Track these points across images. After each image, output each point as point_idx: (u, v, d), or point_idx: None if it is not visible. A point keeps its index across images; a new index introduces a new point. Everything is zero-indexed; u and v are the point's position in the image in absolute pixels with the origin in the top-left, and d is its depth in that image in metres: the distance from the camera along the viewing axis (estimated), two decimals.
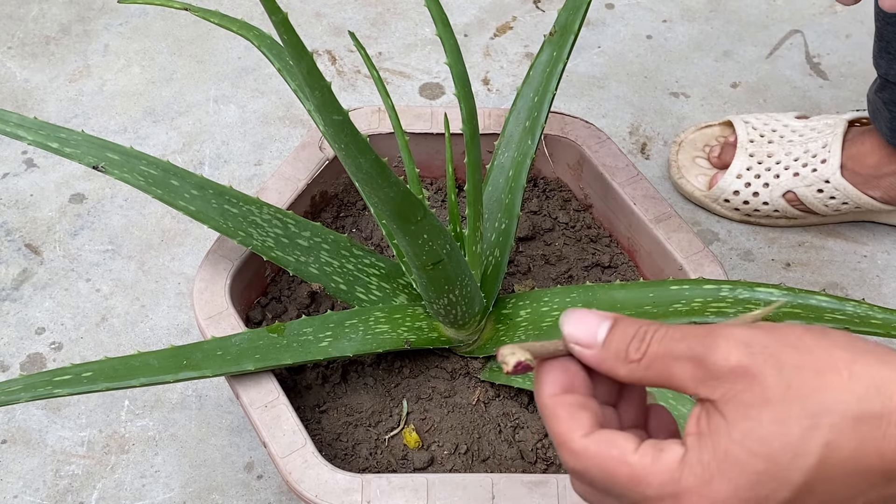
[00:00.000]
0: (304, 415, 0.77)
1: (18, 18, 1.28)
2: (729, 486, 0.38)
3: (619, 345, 0.41)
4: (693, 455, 0.39)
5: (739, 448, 0.38)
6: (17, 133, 0.75)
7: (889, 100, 0.97)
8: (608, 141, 0.88)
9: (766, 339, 0.39)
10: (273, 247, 0.77)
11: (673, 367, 0.40)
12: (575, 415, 0.42)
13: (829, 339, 0.39)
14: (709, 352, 0.39)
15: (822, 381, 0.37)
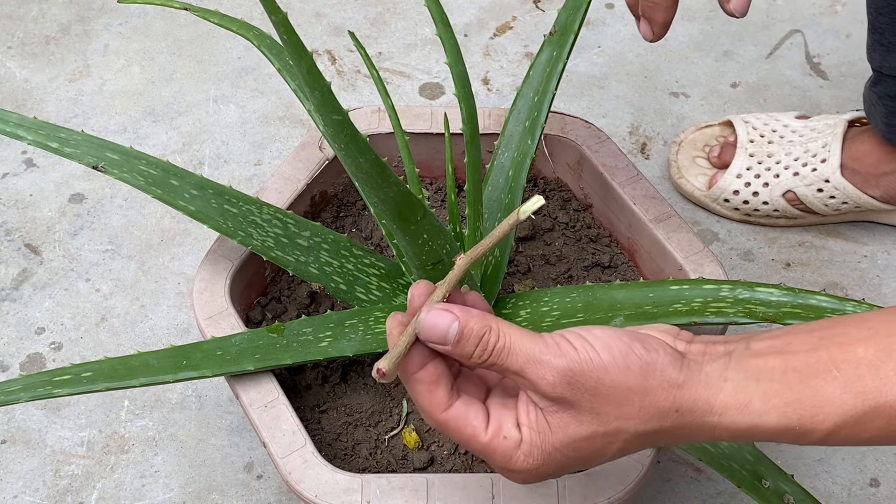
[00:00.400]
0: (303, 415, 0.77)
1: (18, 18, 1.28)
2: (547, 472, 0.53)
3: (465, 349, 0.52)
4: (526, 447, 0.52)
5: (560, 454, 0.52)
6: (17, 133, 0.75)
7: (884, 94, 0.96)
8: (608, 141, 0.88)
9: (584, 378, 0.51)
10: (273, 247, 0.76)
11: (507, 373, 0.53)
12: (434, 392, 0.53)
13: (625, 362, 0.51)
14: (538, 381, 0.51)
15: (622, 412, 0.51)
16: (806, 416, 0.50)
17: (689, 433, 0.52)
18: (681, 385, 0.51)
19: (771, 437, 0.51)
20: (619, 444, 0.52)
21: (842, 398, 0.50)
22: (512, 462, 0.53)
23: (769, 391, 0.50)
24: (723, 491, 0.90)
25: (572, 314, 0.74)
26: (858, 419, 0.50)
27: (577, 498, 0.69)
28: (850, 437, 0.50)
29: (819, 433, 0.50)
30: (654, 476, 0.90)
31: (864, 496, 0.90)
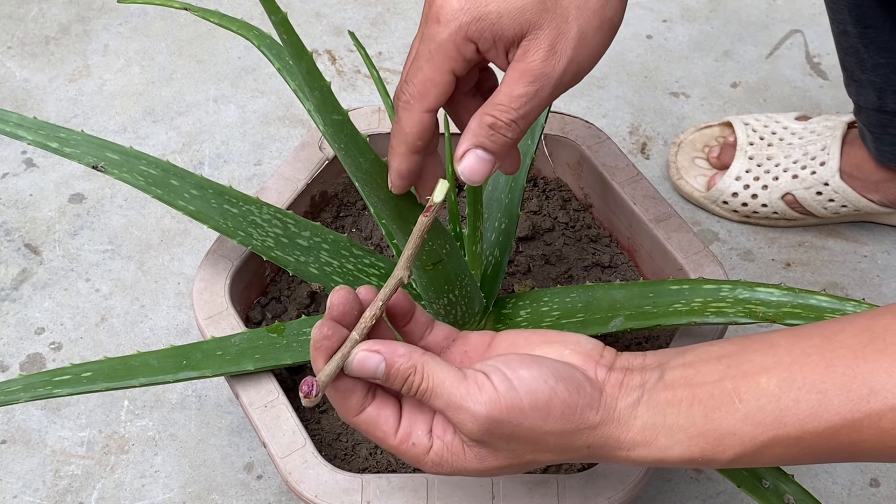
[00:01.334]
0: (303, 415, 0.77)
1: (18, 18, 1.28)
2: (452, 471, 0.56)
3: (393, 385, 0.55)
4: (434, 457, 0.55)
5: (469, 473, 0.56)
6: (17, 133, 0.74)
7: (867, 122, 0.98)
8: (608, 141, 0.88)
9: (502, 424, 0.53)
10: (273, 247, 0.76)
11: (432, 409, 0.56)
12: (347, 399, 0.56)
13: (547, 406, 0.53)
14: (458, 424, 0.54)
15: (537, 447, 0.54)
16: (708, 449, 0.52)
17: (600, 460, 0.56)
18: (595, 426, 0.54)
19: (676, 465, 0.54)
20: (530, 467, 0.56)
21: (742, 430, 0.52)
22: (420, 464, 0.56)
23: (674, 427, 0.53)
24: (723, 491, 0.90)
25: (572, 314, 0.74)
26: (758, 449, 0.52)
27: (576, 498, 0.69)
28: (751, 463, 0.53)
29: (720, 462, 0.53)
30: (654, 476, 0.90)
31: (864, 496, 0.90)
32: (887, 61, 0.91)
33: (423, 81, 0.55)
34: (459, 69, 0.55)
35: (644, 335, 0.82)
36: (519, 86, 0.54)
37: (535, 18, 0.54)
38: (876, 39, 0.90)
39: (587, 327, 0.72)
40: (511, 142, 0.56)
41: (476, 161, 0.56)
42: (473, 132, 0.56)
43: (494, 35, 0.54)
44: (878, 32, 0.89)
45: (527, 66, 0.54)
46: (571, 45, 0.55)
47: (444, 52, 0.54)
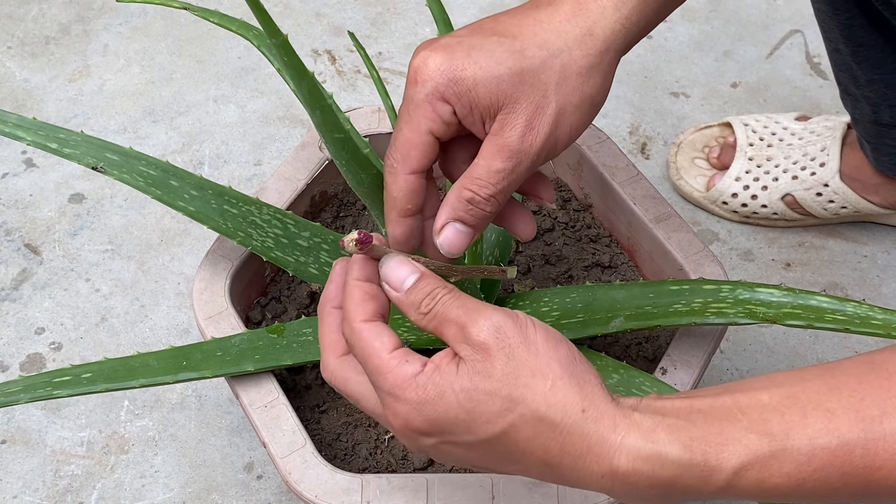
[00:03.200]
0: (303, 415, 0.77)
1: (18, 18, 1.28)
2: (433, 414, 0.50)
3: (415, 297, 0.53)
4: (423, 378, 0.50)
5: (454, 397, 0.49)
6: (17, 133, 0.74)
7: (864, 133, 0.98)
8: (608, 141, 0.88)
9: (512, 331, 0.50)
10: (273, 247, 0.76)
11: (445, 325, 0.52)
12: (364, 302, 0.53)
13: (556, 352, 0.51)
14: (470, 323, 0.50)
15: (531, 382, 0.49)
16: (711, 453, 0.48)
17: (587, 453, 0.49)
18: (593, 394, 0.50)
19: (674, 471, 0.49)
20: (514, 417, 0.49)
21: (748, 437, 0.48)
22: (401, 388, 0.50)
23: (674, 425, 0.49)
24: None
25: (572, 314, 0.74)
26: (765, 461, 0.48)
27: (577, 498, 0.69)
28: (758, 482, 0.48)
29: (724, 473, 0.48)
30: None
31: None
32: (880, 77, 0.91)
33: (404, 143, 0.55)
34: (438, 131, 0.55)
35: (644, 335, 0.82)
36: (496, 161, 0.54)
37: (512, 91, 0.54)
38: (868, 57, 0.90)
39: (587, 327, 0.72)
40: (489, 216, 0.56)
41: (454, 234, 0.56)
42: (452, 205, 0.55)
43: (471, 102, 0.54)
44: (869, 50, 0.89)
45: (504, 141, 0.54)
46: (549, 121, 0.54)
47: (422, 113, 0.54)
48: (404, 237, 0.57)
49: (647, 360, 0.80)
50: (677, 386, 0.73)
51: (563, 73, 0.55)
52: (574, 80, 0.55)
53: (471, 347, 0.50)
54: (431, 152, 0.55)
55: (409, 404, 0.50)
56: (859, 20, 0.88)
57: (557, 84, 0.54)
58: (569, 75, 0.55)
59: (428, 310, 0.52)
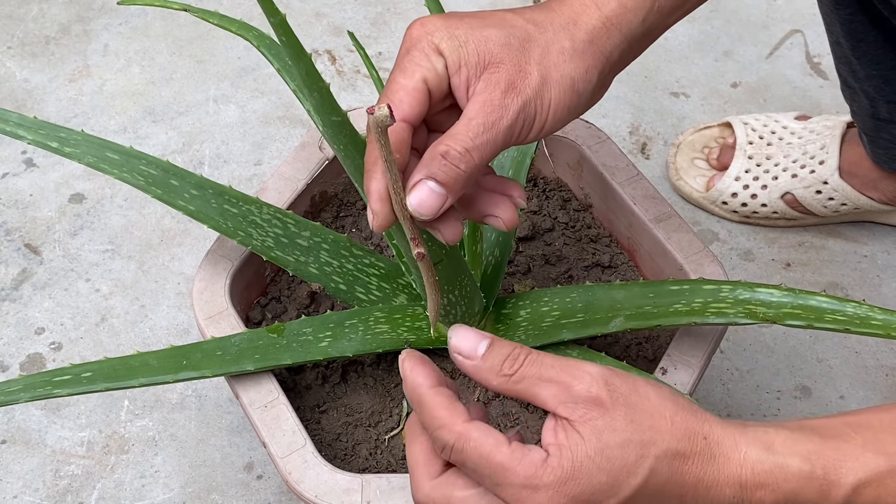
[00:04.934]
0: (303, 415, 0.77)
1: (18, 18, 1.28)
2: (577, 489, 0.48)
3: (494, 360, 0.51)
4: (554, 460, 0.49)
5: (591, 463, 0.48)
6: (17, 133, 0.74)
7: (862, 126, 0.99)
8: (608, 141, 0.88)
9: (618, 379, 0.50)
10: (273, 247, 0.76)
11: (540, 385, 0.50)
12: (455, 404, 0.51)
13: (660, 391, 0.51)
14: (575, 381, 0.50)
15: (654, 423, 0.49)
16: (830, 467, 0.49)
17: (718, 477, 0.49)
18: (708, 419, 0.51)
19: (795, 484, 0.49)
20: (651, 461, 0.49)
21: (864, 455, 0.49)
22: (536, 477, 0.48)
23: (791, 438, 0.50)
24: None
25: (572, 314, 0.74)
26: (882, 479, 0.49)
27: None
28: (875, 500, 0.49)
29: (843, 489, 0.49)
30: None
31: None
32: (879, 73, 0.91)
33: (397, 90, 0.54)
34: (432, 81, 0.54)
35: (644, 335, 0.82)
36: (478, 116, 0.54)
37: (498, 51, 0.55)
38: (868, 52, 0.90)
39: (587, 327, 0.72)
40: (464, 175, 0.53)
41: (427, 193, 0.52)
42: (425, 162, 0.53)
43: (461, 58, 0.54)
44: (869, 46, 0.90)
45: (486, 97, 0.54)
46: (531, 86, 0.55)
47: (416, 62, 0.54)
48: (387, 193, 0.53)
49: (648, 361, 0.80)
50: (677, 386, 0.73)
51: (546, 48, 0.56)
52: (556, 56, 0.56)
53: (583, 406, 0.49)
54: (423, 102, 0.54)
55: (550, 489, 0.48)
56: (860, 17, 0.88)
57: (541, 55, 0.55)
58: (552, 51, 0.56)
59: (513, 371, 0.51)
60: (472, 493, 0.51)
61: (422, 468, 0.53)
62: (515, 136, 0.55)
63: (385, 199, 0.53)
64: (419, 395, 0.52)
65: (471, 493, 0.51)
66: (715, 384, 0.98)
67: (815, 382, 0.98)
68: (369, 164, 0.53)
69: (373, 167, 0.53)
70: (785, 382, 0.98)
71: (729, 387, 0.98)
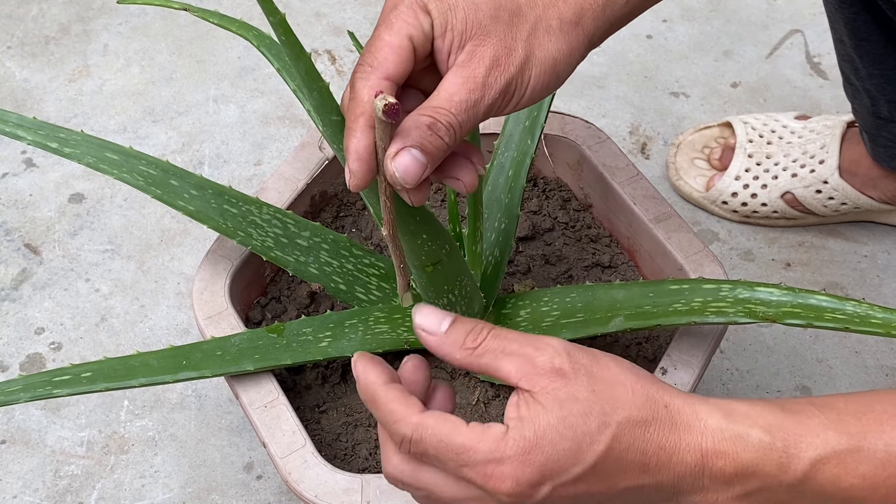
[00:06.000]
0: (303, 415, 0.77)
1: (18, 18, 1.28)
2: (541, 457, 0.49)
3: (457, 335, 0.52)
4: (516, 432, 0.49)
5: (553, 431, 0.49)
6: (17, 133, 0.74)
7: (863, 124, 0.99)
8: (608, 141, 0.88)
9: (578, 352, 0.51)
10: (272, 247, 0.76)
11: (503, 359, 0.51)
12: (408, 398, 0.52)
13: (619, 363, 0.52)
14: (537, 353, 0.51)
15: (615, 392, 0.50)
16: (790, 440, 0.49)
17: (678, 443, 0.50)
18: (668, 389, 0.52)
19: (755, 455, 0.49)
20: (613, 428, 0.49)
21: (826, 433, 0.49)
22: (499, 451, 0.49)
23: (752, 411, 0.51)
24: None
25: (572, 314, 0.74)
26: (843, 458, 0.49)
27: None
28: (834, 479, 0.49)
29: (803, 462, 0.49)
30: None
31: None
32: (881, 72, 0.91)
33: (381, 47, 0.52)
34: (418, 38, 0.53)
35: (644, 335, 0.82)
36: (461, 91, 0.53)
37: (487, 23, 0.54)
38: (870, 51, 0.91)
39: (587, 327, 0.72)
40: (446, 146, 0.53)
41: (411, 160, 0.52)
42: (409, 131, 0.52)
43: (448, 22, 0.53)
44: (872, 45, 0.90)
45: (470, 72, 0.53)
46: (515, 64, 0.54)
47: (402, 18, 0.53)
48: (368, 154, 0.52)
49: (648, 360, 0.80)
50: (677, 386, 0.73)
51: (534, 26, 0.55)
52: (542, 35, 0.55)
53: (546, 377, 0.50)
54: (408, 60, 0.53)
55: (514, 459, 0.49)
56: (864, 16, 0.88)
57: (529, 34, 0.55)
58: (539, 29, 0.55)
59: (476, 345, 0.52)
60: (438, 474, 0.51)
61: (389, 444, 0.53)
62: (493, 112, 0.55)
63: (363, 158, 0.52)
64: (372, 392, 0.53)
65: (437, 475, 0.51)
66: (715, 384, 0.98)
67: (815, 382, 0.98)
68: (350, 122, 0.52)
69: (353, 124, 0.52)
70: (785, 382, 0.98)
71: (729, 387, 0.98)
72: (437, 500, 0.52)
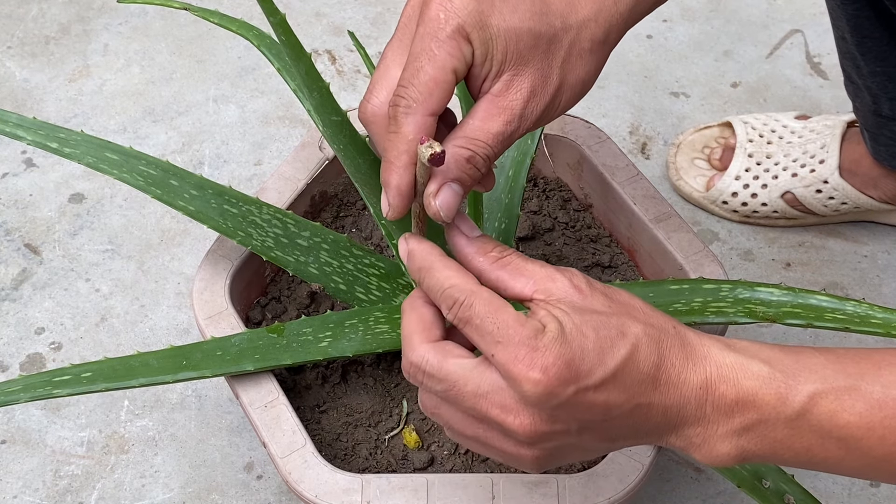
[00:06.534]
0: (303, 415, 0.77)
1: (18, 18, 1.28)
2: (569, 353, 0.49)
3: (485, 243, 0.53)
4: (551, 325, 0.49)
5: (578, 331, 0.49)
6: (17, 133, 0.74)
7: (864, 122, 0.99)
8: (608, 141, 0.88)
9: (598, 283, 0.53)
10: (273, 247, 0.76)
11: (523, 272, 0.52)
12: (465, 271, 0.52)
13: (632, 292, 0.54)
14: (557, 272, 0.52)
15: (628, 310, 0.51)
16: (789, 372, 0.50)
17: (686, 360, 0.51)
18: (672, 318, 0.53)
19: (754, 383, 0.50)
20: (632, 338, 0.50)
21: (825, 370, 0.50)
22: (536, 338, 0.49)
23: (752, 346, 0.52)
24: (723, 491, 0.89)
25: None
26: (840, 394, 0.50)
27: (577, 498, 0.69)
28: (831, 414, 0.50)
29: (801, 395, 0.50)
30: (654, 476, 0.90)
31: (864, 496, 0.90)
32: (883, 70, 0.91)
33: (427, 82, 0.51)
34: (461, 70, 0.53)
35: None
36: (497, 122, 0.53)
37: (526, 53, 0.53)
38: (872, 49, 0.90)
39: None
40: (480, 176, 0.54)
41: (452, 195, 0.53)
42: (448, 165, 0.52)
43: (489, 51, 0.53)
44: (874, 42, 0.90)
45: (507, 103, 0.53)
46: (550, 93, 0.55)
47: (446, 51, 0.52)
48: (409, 187, 0.53)
49: None
50: None
51: (569, 51, 0.55)
52: (576, 59, 0.55)
53: (563, 290, 0.51)
54: (450, 94, 0.53)
55: (547, 350, 0.49)
56: (867, 12, 0.88)
57: (563, 60, 0.55)
58: (573, 53, 0.55)
59: (500, 255, 0.52)
60: (466, 361, 0.51)
61: (418, 334, 0.53)
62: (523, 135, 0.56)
63: (404, 194, 0.53)
64: (430, 261, 0.53)
65: (465, 361, 0.51)
66: None
67: None
68: (392, 157, 0.53)
69: (396, 160, 0.52)
70: None
71: None
72: (457, 395, 0.51)
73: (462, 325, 0.51)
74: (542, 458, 0.52)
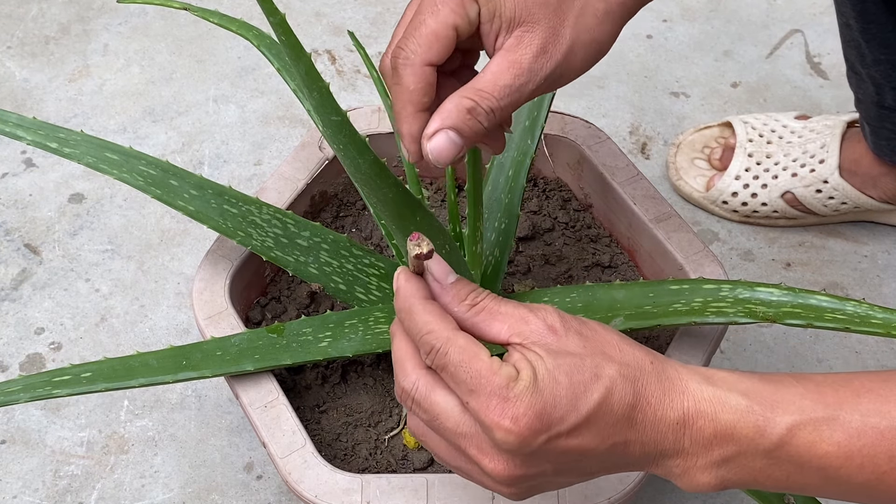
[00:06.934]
0: (303, 415, 0.77)
1: (18, 18, 1.28)
2: (540, 403, 0.49)
3: (461, 289, 0.53)
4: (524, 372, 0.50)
5: (550, 377, 0.50)
6: (16, 133, 0.74)
7: (866, 114, 0.98)
8: (608, 141, 0.88)
9: (568, 316, 0.53)
10: (272, 247, 0.76)
11: (497, 317, 0.53)
12: (445, 315, 0.53)
13: (608, 328, 0.54)
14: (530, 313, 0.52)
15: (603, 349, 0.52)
16: (767, 405, 0.50)
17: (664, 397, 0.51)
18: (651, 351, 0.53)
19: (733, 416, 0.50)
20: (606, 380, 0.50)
21: (803, 401, 0.50)
22: (508, 388, 0.49)
23: (730, 377, 0.52)
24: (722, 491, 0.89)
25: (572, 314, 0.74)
26: (818, 425, 0.49)
27: (577, 498, 0.69)
28: (809, 445, 0.50)
29: (779, 427, 0.50)
30: (654, 476, 0.90)
31: None
32: (887, 58, 0.91)
33: (427, 34, 0.53)
34: (463, 28, 0.54)
35: (644, 335, 0.82)
36: (506, 76, 0.54)
37: (536, 10, 0.54)
38: (877, 35, 0.90)
39: None
40: (484, 130, 0.55)
41: (446, 142, 0.54)
42: (449, 112, 0.54)
43: (496, 8, 0.54)
44: (879, 28, 0.89)
45: (517, 57, 0.54)
46: (562, 50, 0.55)
47: (449, 6, 0.53)
48: (420, 134, 0.54)
49: None
50: None
51: (582, 10, 0.56)
52: (590, 19, 0.56)
53: (538, 332, 0.51)
54: (449, 48, 0.54)
55: (517, 401, 0.49)
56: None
57: (576, 18, 0.55)
58: (586, 13, 0.56)
59: (475, 302, 0.53)
60: (450, 400, 0.52)
61: (410, 360, 0.54)
62: (539, 94, 0.56)
63: (416, 139, 0.55)
64: (410, 304, 0.53)
65: (449, 400, 0.52)
66: None
67: None
68: (398, 108, 0.55)
69: (402, 111, 0.55)
70: None
71: None
72: (439, 427, 0.52)
73: (439, 371, 0.52)
74: (521, 493, 0.53)
